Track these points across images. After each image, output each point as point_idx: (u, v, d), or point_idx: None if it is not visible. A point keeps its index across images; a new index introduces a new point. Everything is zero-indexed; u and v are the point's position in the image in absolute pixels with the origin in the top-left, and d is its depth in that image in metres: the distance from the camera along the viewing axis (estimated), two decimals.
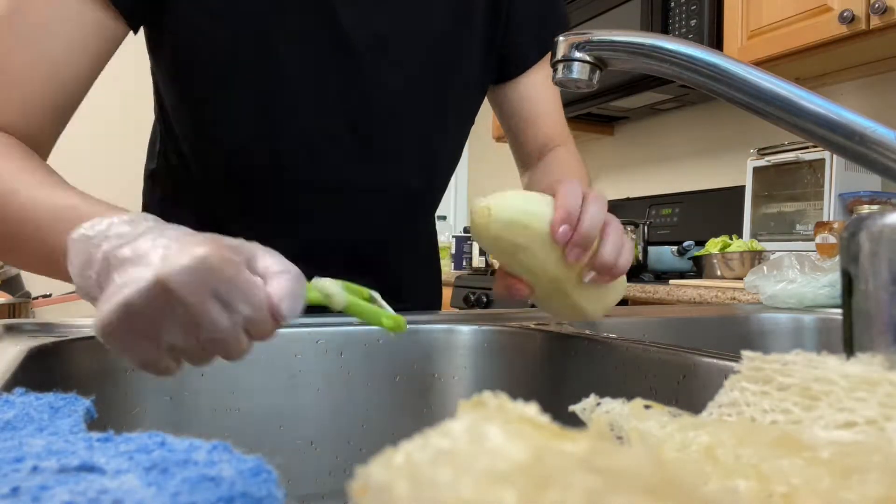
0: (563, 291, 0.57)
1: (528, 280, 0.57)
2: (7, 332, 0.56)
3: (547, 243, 0.54)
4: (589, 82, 0.51)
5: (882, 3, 1.51)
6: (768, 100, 0.46)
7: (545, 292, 0.58)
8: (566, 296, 0.57)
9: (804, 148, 1.78)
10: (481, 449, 0.14)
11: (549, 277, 0.56)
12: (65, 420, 0.26)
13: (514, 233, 0.54)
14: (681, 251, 2.05)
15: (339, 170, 0.73)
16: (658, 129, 2.69)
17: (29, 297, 3.22)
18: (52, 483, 0.19)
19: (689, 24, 1.97)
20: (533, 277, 0.57)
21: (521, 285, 0.57)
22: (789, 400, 0.23)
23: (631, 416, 0.25)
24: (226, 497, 0.19)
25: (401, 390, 0.63)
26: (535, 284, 0.57)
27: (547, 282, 0.56)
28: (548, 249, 0.54)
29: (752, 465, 0.18)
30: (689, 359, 0.47)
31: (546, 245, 0.54)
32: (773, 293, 0.84)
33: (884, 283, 0.30)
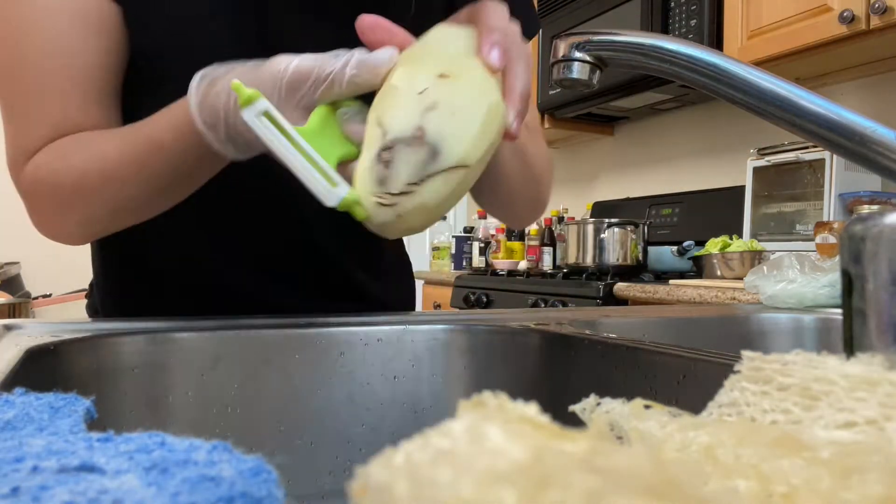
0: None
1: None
2: (7, 332, 0.56)
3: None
4: (589, 82, 0.51)
5: (882, 3, 1.51)
6: (768, 100, 0.46)
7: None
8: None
9: (804, 148, 1.78)
10: (481, 449, 0.14)
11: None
12: (65, 420, 0.26)
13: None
14: (681, 251, 2.05)
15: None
16: (658, 129, 2.69)
17: (29, 297, 3.23)
18: (52, 483, 0.19)
19: (689, 24, 1.97)
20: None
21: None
22: (789, 400, 0.23)
23: (631, 416, 0.25)
24: (226, 497, 0.19)
25: (401, 390, 0.63)
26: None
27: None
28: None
29: (752, 465, 0.18)
30: (689, 359, 0.47)
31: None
32: (773, 293, 0.84)
33: (884, 283, 0.30)
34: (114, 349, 0.54)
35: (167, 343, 0.55)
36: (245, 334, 0.58)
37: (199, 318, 0.63)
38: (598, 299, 1.86)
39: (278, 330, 0.59)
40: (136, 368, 0.55)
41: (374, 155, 0.40)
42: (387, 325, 0.63)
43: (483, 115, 0.41)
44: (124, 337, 0.55)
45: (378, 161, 0.40)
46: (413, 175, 0.40)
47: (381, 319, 0.66)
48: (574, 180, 3.14)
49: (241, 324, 0.59)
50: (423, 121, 0.40)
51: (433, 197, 0.40)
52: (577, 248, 2.16)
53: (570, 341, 0.58)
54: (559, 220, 2.77)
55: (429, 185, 0.40)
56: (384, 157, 0.40)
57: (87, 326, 0.57)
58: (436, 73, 0.41)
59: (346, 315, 0.67)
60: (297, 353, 0.60)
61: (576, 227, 2.18)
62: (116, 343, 0.54)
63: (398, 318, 0.67)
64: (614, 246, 2.09)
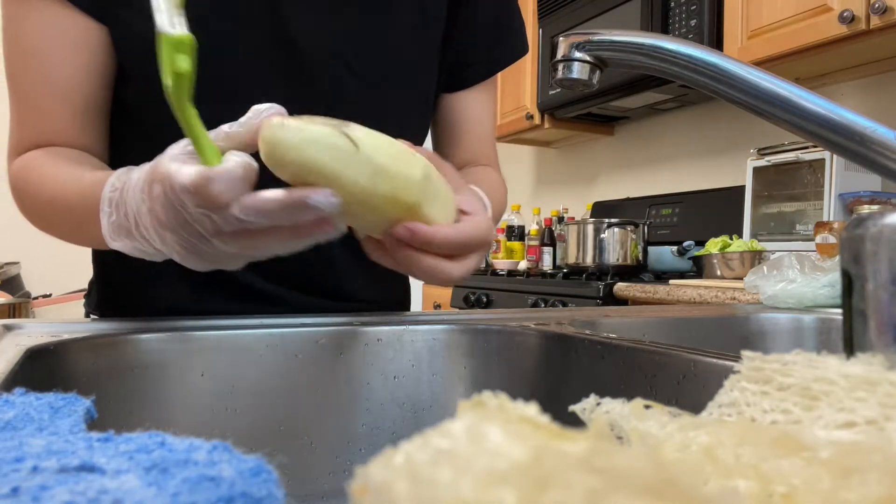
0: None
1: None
2: (7, 332, 0.56)
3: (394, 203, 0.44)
4: (589, 82, 0.51)
5: (882, 3, 1.51)
6: (768, 100, 0.46)
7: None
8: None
9: (804, 148, 1.78)
10: (481, 449, 0.14)
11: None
12: (65, 420, 0.26)
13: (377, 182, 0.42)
14: (681, 251, 2.05)
15: None
16: (658, 129, 2.69)
17: (29, 297, 3.23)
18: (52, 483, 0.19)
19: (689, 24, 1.97)
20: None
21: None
22: (789, 400, 0.23)
23: (631, 416, 0.25)
24: (226, 497, 0.19)
25: (401, 390, 0.63)
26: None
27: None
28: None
29: (752, 465, 0.18)
30: (689, 359, 0.47)
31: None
32: (773, 293, 0.84)
33: (884, 283, 0.30)
34: (114, 349, 0.54)
35: (167, 343, 0.55)
36: (245, 334, 0.58)
37: (199, 318, 0.63)
38: (598, 299, 1.86)
39: (278, 330, 0.59)
40: (136, 368, 0.55)
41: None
42: (387, 325, 0.63)
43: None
44: (124, 337, 0.55)
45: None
46: (314, 118, 0.42)
47: (381, 319, 0.66)
48: (574, 180, 3.14)
49: (242, 324, 0.59)
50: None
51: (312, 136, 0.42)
52: (577, 248, 2.16)
53: (570, 341, 0.58)
54: (559, 220, 2.77)
55: (316, 123, 0.41)
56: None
57: (87, 326, 0.57)
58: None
59: (346, 315, 0.67)
60: (298, 353, 0.60)
61: (576, 227, 2.18)
62: (116, 343, 0.54)
63: (398, 318, 0.67)
64: (614, 246, 2.09)
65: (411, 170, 0.44)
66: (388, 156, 0.43)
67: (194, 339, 0.56)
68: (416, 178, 0.44)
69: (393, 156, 0.43)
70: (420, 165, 0.45)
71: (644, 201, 2.57)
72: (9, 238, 3.25)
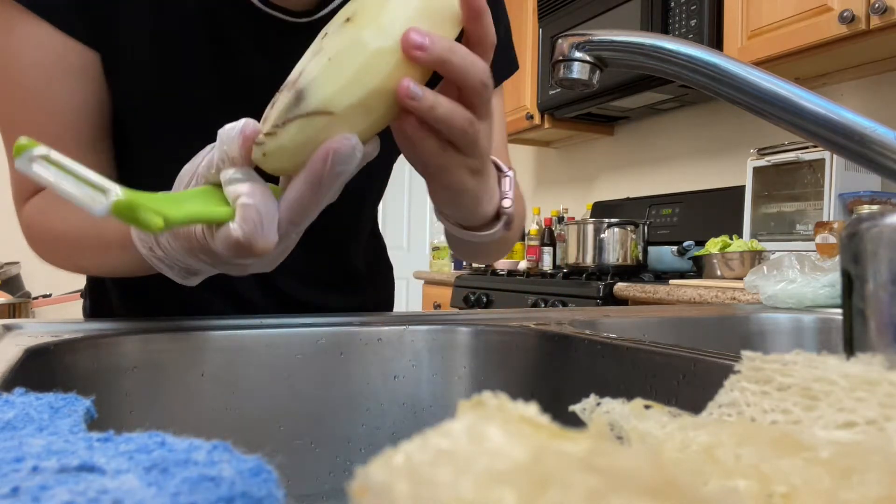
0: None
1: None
2: (7, 332, 0.56)
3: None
4: (589, 82, 0.51)
5: (882, 3, 1.51)
6: (768, 100, 0.46)
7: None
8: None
9: (804, 148, 1.78)
10: (481, 449, 0.14)
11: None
12: (65, 420, 0.26)
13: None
14: (681, 251, 2.05)
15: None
16: (658, 129, 2.69)
17: (29, 297, 3.23)
18: (52, 483, 0.19)
19: (689, 24, 1.97)
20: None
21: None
22: (789, 400, 0.23)
23: (631, 416, 0.25)
24: (226, 497, 0.19)
25: (401, 390, 0.63)
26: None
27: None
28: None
29: (752, 465, 0.18)
30: (689, 359, 0.47)
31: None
32: (773, 293, 0.84)
33: (884, 283, 0.30)
34: (114, 349, 0.54)
35: (167, 343, 0.55)
36: (245, 334, 0.58)
37: (199, 318, 0.63)
38: (598, 299, 1.86)
39: (278, 330, 0.59)
40: (136, 368, 0.55)
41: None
42: (387, 325, 0.63)
43: (361, 61, 0.38)
44: (124, 337, 0.55)
45: (271, 104, 0.41)
46: (278, 118, 0.40)
47: (381, 319, 0.66)
48: (574, 180, 3.14)
49: (242, 324, 0.59)
50: (304, 65, 0.40)
51: (289, 140, 0.40)
52: (577, 248, 2.16)
53: (570, 341, 0.58)
54: (559, 220, 2.77)
55: (287, 130, 0.39)
56: (273, 99, 0.41)
57: (87, 326, 0.57)
58: (345, 16, 0.40)
59: (347, 315, 0.67)
60: (298, 353, 0.60)
61: (576, 227, 2.18)
62: (116, 343, 0.54)
63: (398, 318, 0.67)
64: (614, 246, 2.09)
65: (369, 56, 0.39)
66: (349, 78, 0.39)
67: (194, 339, 0.56)
68: (379, 50, 0.39)
69: (351, 67, 0.39)
70: (365, 35, 0.39)
71: (644, 201, 2.57)
72: (9, 238, 3.25)
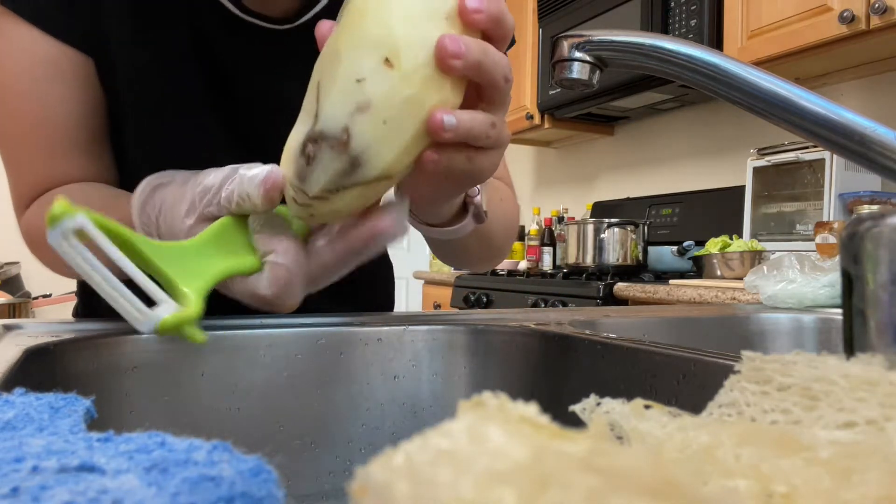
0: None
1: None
2: (7, 332, 0.56)
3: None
4: (589, 82, 0.51)
5: (882, 3, 1.51)
6: (768, 100, 0.46)
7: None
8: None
9: (804, 148, 1.78)
10: (481, 449, 0.14)
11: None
12: (65, 420, 0.26)
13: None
14: (681, 251, 2.05)
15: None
16: (658, 129, 2.69)
17: (29, 297, 3.23)
18: (52, 483, 0.19)
19: (689, 24, 1.97)
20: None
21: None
22: (789, 400, 0.23)
23: (631, 416, 0.25)
24: (226, 497, 0.19)
25: (401, 390, 0.63)
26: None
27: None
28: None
29: (752, 465, 0.18)
30: (689, 359, 0.47)
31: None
32: (773, 293, 0.84)
33: (884, 283, 0.30)
34: (114, 349, 0.54)
35: (167, 343, 0.55)
36: (245, 334, 0.58)
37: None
38: (598, 299, 1.86)
39: (278, 330, 0.59)
40: (136, 368, 0.55)
41: (302, 140, 0.37)
42: (387, 325, 0.63)
43: (418, 123, 0.36)
44: (124, 337, 0.55)
45: (302, 153, 0.37)
46: (330, 184, 0.37)
47: (381, 319, 0.66)
48: (574, 180, 3.14)
49: (241, 324, 0.59)
50: (352, 122, 0.35)
51: (346, 207, 0.38)
52: (577, 248, 2.16)
53: (570, 341, 0.58)
54: (559, 220, 2.77)
55: (344, 196, 0.37)
56: (308, 150, 0.37)
57: (87, 326, 0.57)
58: (381, 55, 0.35)
59: (347, 315, 0.67)
60: (298, 353, 0.60)
61: (576, 227, 2.18)
62: (116, 343, 0.54)
63: (398, 318, 0.67)
64: (614, 246, 2.09)
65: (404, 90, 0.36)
66: (408, 141, 0.36)
67: None
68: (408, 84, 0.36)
69: (388, 111, 0.36)
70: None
71: (644, 201, 2.57)
72: (9, 238, 3.25)
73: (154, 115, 0.63)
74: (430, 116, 0.36)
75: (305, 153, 0.37)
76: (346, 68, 0.36)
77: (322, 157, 0.36)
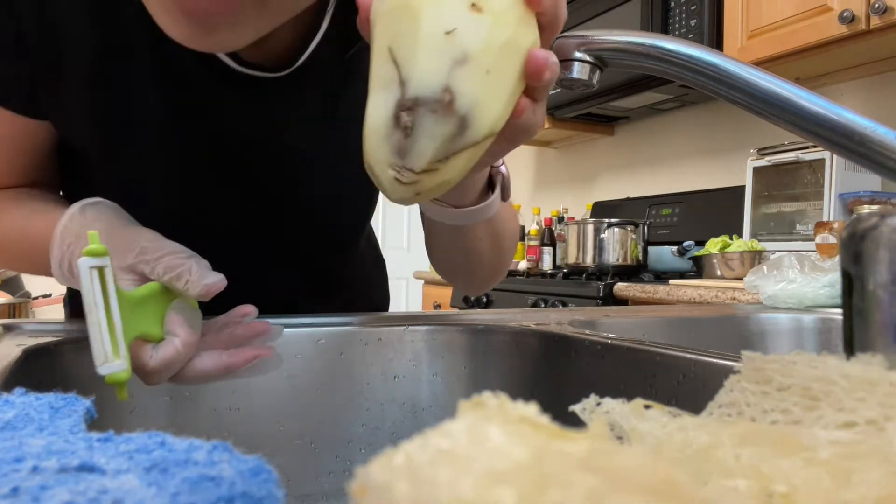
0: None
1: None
2: (7, 332, 0.56)
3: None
4: (589, 82, 0.51)
5: (882, 3, 1.51)
6: (768, 100, 0.46)
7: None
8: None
9: (804, 148, 1.78)
10: (481, 449, 0.14)
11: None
12: (65, 420, 0.26)
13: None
14: (681, 251, 2.05)
15: (264, 229, 0.66)
16: (658, 129, 2.69)
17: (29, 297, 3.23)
18: (52, 483, 0.19)
19: (689, 24, 1.97)
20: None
21: None
22: (789, 400, 0.23)
23: (631, 416, 0.25)
24: (226, 497, 0.19)
25: (401, 390, 0.63)
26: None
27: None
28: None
29: (752, 465, 0.18)
30: (689, 359, 0.47)
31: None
32: (773, 293, 0.84)
33: (884, 283, 0.30)
34: None
35: None
36: None
37: None
38: (598, 299, 1.86)
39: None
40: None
41: (391, 113, 0.33)
42: (387, 325, 0.63)
43: (518, 71, 0.34)
44: None
45: (396, 126, 0.33)
46: (439, 152, 0.33)
47: (381, 319, 0.66)
48: (574, 180, 3.14)
49: None
50: (452, 79, 0.31)
51: (456, 174, 0.35)
52: (577, 248, 2.16)
53: (570, 341, 0.58)
54: (559, 220, 2.77)
55: (455, 163, 0.34)
56: (404, 122, 0.32)
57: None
58: (467, 1, 0.32)
59: (347, 315, 0.67)
60: (298, 353, 0.60)
61: (576, 227, 2.18)
62: None
63: (398, 318, 0.67)
64: (614, 246, 2.09)
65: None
66: (511, 90, 0.34)
67: None
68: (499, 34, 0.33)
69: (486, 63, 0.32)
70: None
71: (644, 201, 2.57)
72: None
73: (124, 160, 0.61)
74: (530, 57, 0.33)
75: (401, 125, 0.33)
76: (428, 21, 0.31)
77: (424, 125, 0.32)
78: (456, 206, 0.56)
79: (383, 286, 0.93)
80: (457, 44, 0.31)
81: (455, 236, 0.64)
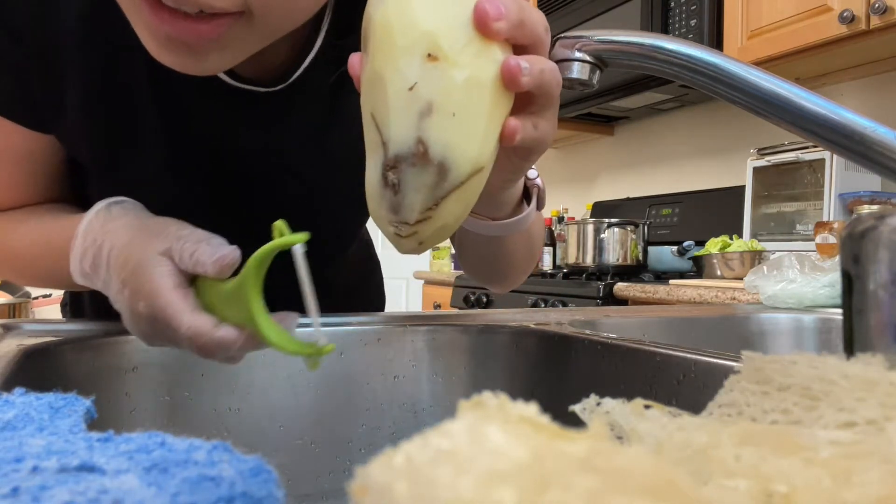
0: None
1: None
2: (7, 332, 0.56)
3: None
4: (589, 82, 0.51)
5: (882, 3, 1.51)
6: (768, 100, 0.46)
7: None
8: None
9: (804, 148, 1.78)
10: (481, 449, 0.14)
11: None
12: (65, 420, 0.26)
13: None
14: (681, 251, 2.05)
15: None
16: (658, 129, 2.69)
17: (29, 297, 3.23)
18: (52, 483, 0.19)
19: (689, 24, 1.97)
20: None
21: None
22: (789, 400, 0.23)
23: (631, 416, 0.25)
24: (226, 497, 0.19)
25: (401, 390, 0.63)
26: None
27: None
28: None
29: (752, 465, 0.18)
30: (689, 359, 0.47)
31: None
32: (773, 293, 0.84)
33: (884, 283, 0.30)
34: (114, 349, 0.54)
35: None
36: None
37: None
38: (598, 299, 1.86)
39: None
40: (136, 368, 0.55)
41: (380, 174, 0.35)
42: (387, 325, 0.63)
43: (489, 103, 0.34)
44: (124, 337, 0.55)
45: (386, 185, 0.35)
46: (426, 201, 0.35)
47: (381, 319, 0.66)
48: (574, 180, 3.14)
49: None
50: (422, 131, 0.33)
51: (452, 217, 0.36)
52: (577, 248, 2.16)
53: (570, 341, 0.58)
54: (559, 220, 2.77)
55: (445, 207, 0.35)
56: (391, 180, 0.35)
57: (87, 326, 0.57)
58: (422, 53, 0.33)
59: (347, 315, 0.67)
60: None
61: (576, 227, 2.18)
62: (116, 343, 0.54)
63: (398, 318, 0.67)
64: (614, 246, 2.09)
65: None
66: (485, 126, 0.35)
67: None
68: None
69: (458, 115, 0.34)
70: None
71: (644, 201, 2.57)
72: None
73: (121, 175, 0.61)
74: (504, 68, 0.34)
75: (389, 184, 0.35)
76: (393, 83, 0.34)
77: (407, 179, 0.35)
78: (493, 218, 0.56)
79: (378, 285, 0.93)
80: (420, 96, 0.33)
81: (490, 245, 0.63)
